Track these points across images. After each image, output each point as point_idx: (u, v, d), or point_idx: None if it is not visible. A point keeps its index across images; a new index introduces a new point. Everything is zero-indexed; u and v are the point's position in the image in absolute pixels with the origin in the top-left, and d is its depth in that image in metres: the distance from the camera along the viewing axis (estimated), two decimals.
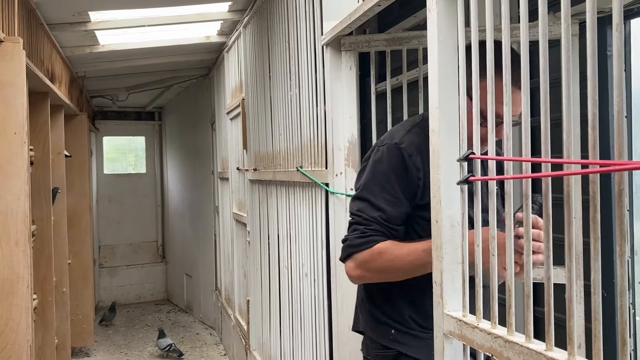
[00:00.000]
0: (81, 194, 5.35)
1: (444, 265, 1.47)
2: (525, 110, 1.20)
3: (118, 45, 4.63)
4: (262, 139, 3.76)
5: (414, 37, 2.32)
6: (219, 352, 5.62)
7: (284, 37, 3.15)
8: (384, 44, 2.34)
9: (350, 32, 2.32)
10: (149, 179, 8.44)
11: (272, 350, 3.65)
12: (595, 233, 1.01)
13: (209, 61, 5.78)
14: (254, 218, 4.07)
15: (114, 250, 8.09)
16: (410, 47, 2.35)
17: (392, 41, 2.35)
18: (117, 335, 6.31)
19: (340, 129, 2.35)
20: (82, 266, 5.30)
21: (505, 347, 1.22)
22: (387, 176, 1.70)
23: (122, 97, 7.02)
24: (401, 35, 2.36)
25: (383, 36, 2.38)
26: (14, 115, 2.36)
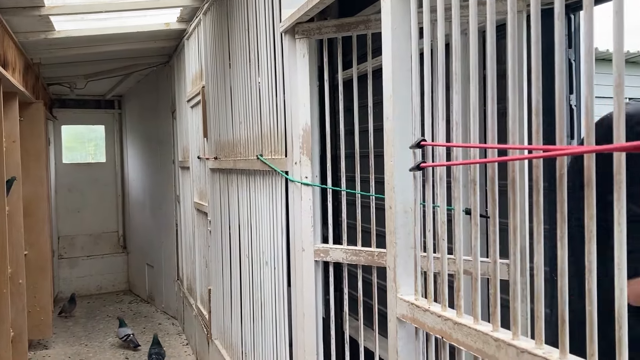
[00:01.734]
0: (38, 184, 5.21)
1: (397, 250, 1.50)
2: (473, 98, 1.23)
3: (75, 31, 4.50)
4: (223, 127, 3.73)
5: (361, 22, 2.26)
6: (181, 342, 5.58)
7: (243, 24, 3.13)
8: (333, 30, 2.30)
9: (311, 19, 2.30)
10: (109, 169, 8.28)
11: (234, 339, 3.65)
12: (538, 217, 1.04)
13: (169, 48, 5.68)
14: (215, 207, 4.05)
15: (74, 240, 7.92)
16: (359, 32, 2.30)
17: (340, 27, 2.29)
18: (77, 327, 6.20)
19: (297, 117, 2.35)
20: (39, 257, 5.18)
21: (455, 329, 1.25)
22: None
23: (81, 85, 6.85)
24: (349, 21, 2.29)
25: (332, 22, 2.31)
26: None
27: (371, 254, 2.20)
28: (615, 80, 0.86)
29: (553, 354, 1.00)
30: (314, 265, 2.35)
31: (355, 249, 2.28)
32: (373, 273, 2.21)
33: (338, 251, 2.32)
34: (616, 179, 0.86)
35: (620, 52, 0.84)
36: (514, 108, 1.09)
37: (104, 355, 5.26)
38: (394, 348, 1.52)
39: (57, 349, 5.44)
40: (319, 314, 2.38)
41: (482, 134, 1.40)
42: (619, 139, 0.85)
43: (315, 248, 2.35)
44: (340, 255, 2.31)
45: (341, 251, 2.31)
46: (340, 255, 2.31)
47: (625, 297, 0.86)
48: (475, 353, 1.18)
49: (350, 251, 2.28)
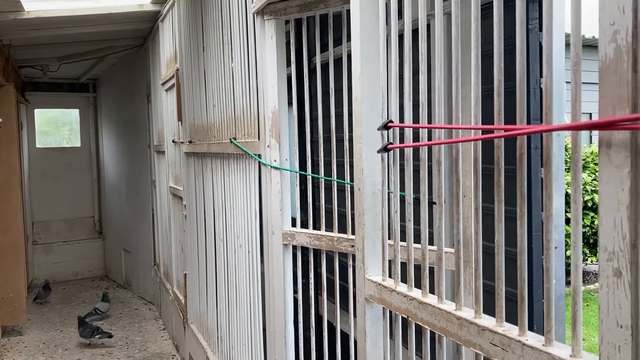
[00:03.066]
0: (10, 169, 5.12)
1: (365, 232, 1.50)
2: (438, 79, 1.23)
3: (45, 12, 4.40)
4: (197, 110, 3.70)
5: (321, 2, 2.21)
6: (158, 327, 5.57)
7: (216, 5, 3.09)
8: (296, 10, 2.26)
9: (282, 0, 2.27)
10: (84, 153, 8.17)
11: (209, 323, 3.65)
12: (499, 196, 1.05)
13: (144, 31, 5.59)
14: (190, 191, 4.02)
15: (49, 226, 7.82)
16: (321, 12, 2.25)
17: (304, 7, 2.24)
18: (53, 313, 6.15)
19: (267, 99, 2.33)
20: (12, 243, 5.10)
21: (420, 308, 1.27)
22: None
23: (54, 68, 6.71)
24: (312, 0, 2.25)
25: (296, 2, 2.26)
26: None
27: (331, 238, 2.19)
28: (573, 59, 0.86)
29: (513, 331, 1.01)
30: (282, 248, 2.35)
31: (318, 234, 2.27)
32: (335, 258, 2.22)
33: (302, 235, 2.31)
34: (573, 157, 0.87)
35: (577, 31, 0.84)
36: (476, 89, 1.10)
37: (79, 340, 5.22)
38: (362, 328, 1.53)
39: (31, 335, 5.39)
40: (287, 296, 2.38)
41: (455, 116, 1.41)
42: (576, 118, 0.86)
43: (283, 231, 2.35)
44: (305, 239, 2.31)
45: (305, 235, 2.31)
46: (304, 239, 2.31)
47: (580, 274, 0.88)
48: (439, 332, 1.19)
49: (314, 236, 2.28)
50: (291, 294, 2.38)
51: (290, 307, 2.39)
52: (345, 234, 2.15)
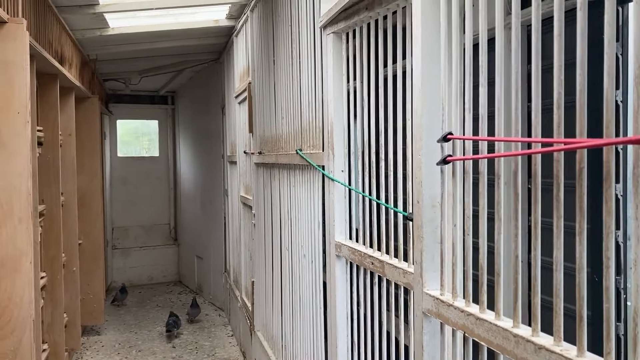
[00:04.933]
0: (92, 176, 5.43)
1: (423, 245, 1.49)
2: (499, 92, 1.21)
3: (128, 28, 4.67)
4: (267, 122, 3.79)
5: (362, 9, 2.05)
6: (227, 333, 5.70)
7: (286, 20, 3.17)
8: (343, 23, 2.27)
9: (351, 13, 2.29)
10: (161, 162, 8.53)
11: (275, 331, 3.71)
12: (558, 212, 1.02)
13: (219, 45, 5.80)
14: (258, 201, 4.12)
15: (127, 231, 8.21)
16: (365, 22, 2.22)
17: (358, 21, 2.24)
18: (128, 315, 6.43)
19: (329, 112, 2.36)
20: (93, 247, 5.39)
21: (477, 324, 1.24)
22: None
23: (135, 81, 7.08)
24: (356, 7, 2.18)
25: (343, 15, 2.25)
26: (17, 94, 2.42)
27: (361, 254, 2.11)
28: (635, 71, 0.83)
29: (571, 351, 0.98)
30: (335, 259, 2.37)
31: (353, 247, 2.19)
32: None
33: (345, 248, 2.28)
34: (634, 173, 0.84)
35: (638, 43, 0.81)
36: (537, 102, 1.07)
37: (152, 343, 5.44)
38: (419, 343, 1.52)
39: (108, 335, 5.66)
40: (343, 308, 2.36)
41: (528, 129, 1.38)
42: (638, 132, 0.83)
43: (335, 243, 2.36)
44: (347, 252, 2.28)
45: (347, 248, 2.26)
46: (347, 253, 2.28)
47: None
48: (495, 349, 1.17)
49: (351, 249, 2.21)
50: (345, 305, 2.37)
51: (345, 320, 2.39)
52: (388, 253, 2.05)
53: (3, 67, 2.41)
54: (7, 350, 2.44)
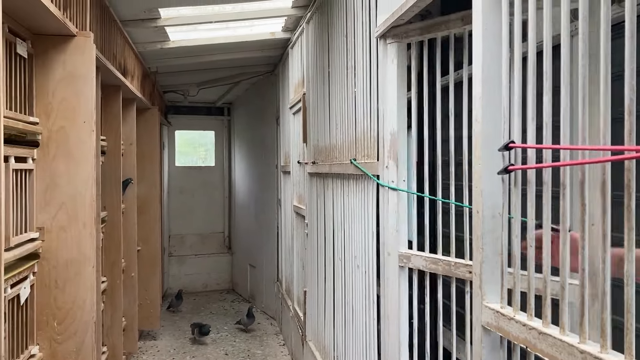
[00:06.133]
0: (151, 184, 5.59)
1: (483, 257, 1.46)
2: (564, 98, 1.17)
3: (187, 41, 4.80)
4: (321, 132, 3.81)
5: (442, 23, 2.18)
6: (278, 342, 5.73)
7: (342, 31, 3.18)
8: (418, 32, 2.27)
9: (407, 23, 2.29)
10: (217, 172, 8.70)
11: (326, 341, 3.70)
12: (629, 222, 0.98)
13: (275, 57, 5.89)
14: (311, 210, 4.13)
15: (184, 239, 8.39)
16: (443, 34, 2.24)
17: (425, 29, 2.25)
18: (183, 321, 6.56)
19: (387, 121, 2.35)
20: (150, 253, 5.54)
21: (539, 339, 1.20)
22: None
23: (193, 93, 7.27)
24: (432, 22, 2.24)
25: (418, 25, 2.27)
26: (83, 105, 2.52)
27: (448, 263, 2.14)
28: None
29: None
30: (398, 270, 2.34)
31: (435, 257, 2.22)
32: (452, 283, 2.15)
33: (419, 258, 2.28)
34: None
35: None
36: (605, 108, 1.03)
37: (205, 349, 5.52)
38: (478, 356, 1.48)
39: (164, 341, 5.78)
40: (403, 320, 2.35)
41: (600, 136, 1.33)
42: None
43: (399, 253, 2.33)
44: (421, 262, 2.27)
45: (421, 258, 2.28)
46: (420, 262, 2.28)
47: None
48: None
49: (430, 259, 2.24)
50: (406, 318, 2.35)
51: (406, 332, 2.35)
52: (462, 259, 2.09)
53: (71, 78, 2.52)
54: (70, 350, 2.53)
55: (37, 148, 2.48)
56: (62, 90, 2.51)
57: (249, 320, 6.11)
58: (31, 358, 2.40)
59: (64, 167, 2.50)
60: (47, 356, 2.51)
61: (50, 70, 2.51)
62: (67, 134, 2.51)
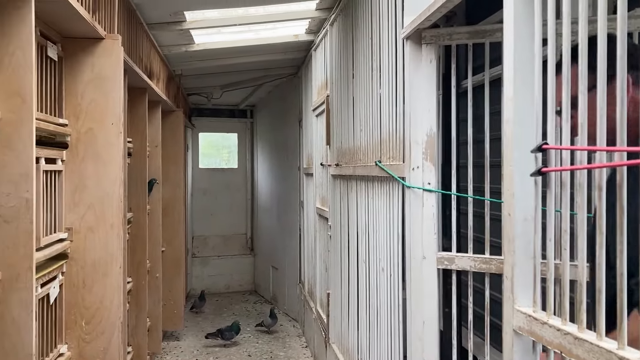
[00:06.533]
0: (176, 186, 5.64)
1: (515, 260, 1.43)
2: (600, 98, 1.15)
3: (212, 44, 4.84)
4: (345, 134, 3.80)
5: (497, 30, 2.27)
6: (301, 344, 5.73)
7: (366, 33, 3.17)
8: (466, 36, 2.33)
9: (432, 25, 2.29)
10: (240, 174, 8.75)
11: (350, 344, 3.68)
12: None
13: (298, 60, 5.90)
14: (335, 212, 4.12)
15: (207, 240, 8.45)
16: (494, 40, 2.31)
17: (474, 34, 2.33)
18: (206, 322, 6.60)
19: (419, 122, 2.33)
20: (174, 254, 5.59)
21: (575, 344, 1.18)
22: None
23: (217, 95, 7.32)
24: (484, 28, 2.33)
25: (466, 29, 2.35)
26: (111, 107, 2.55)
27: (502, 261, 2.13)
28: None
29: None
30: (436, 273, 2.33)
31: (485, 257, 2.27)
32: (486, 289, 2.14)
33: (465, 259, 2.30)
34: None
35: None
36: None
37: (228, 350, 5.55)
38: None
39: (187, 341, 5.82)
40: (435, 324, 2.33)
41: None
42: None
43: (438, 256, 2.32)
44: (468, 263, 2.29)
45: (468, 259, 2.29)
46: (467, 263, 2.30)
47: None
48: None
49: (480, 259, 2.27)
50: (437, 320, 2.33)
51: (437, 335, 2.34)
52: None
53: (99, 81, 2.55)
54: (98, 350, 2.56)
55: (66, 149, 2.52)
56: (91, 92, 2.55)
57: (272, 321, 6.12)
58: (60, 357, 2.44)
59: (93, 169, 2.54)
60: (75, 355, 2.54)
61: (79, 72, 2.55)
62: (96, 136, 2.54)
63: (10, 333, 1.77)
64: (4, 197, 1.78)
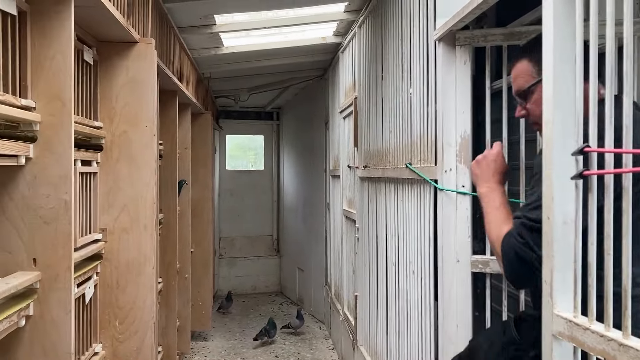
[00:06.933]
0: (204, 187, 5.70)
1: (554, 264, 1.41)
2: None
3: (240, 47, 4.88)
4: (373, 136, 3.79)
5: (533, 32, 2.25)
6: (328, 346, 5.72)
7: (397, 34, 3.16)
8: (501, 38, 2.30)
9: (465, 27, 2.28)
10: (266, 176, 8.80)
11: (379, 347, 3.67)
12: None
13: (325, 62, 5.91)
14: (363, 215, 4.11)
15: (233, 241, 8.51)
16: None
17: (509, 36, 2.31)
18: (233, 323, 6.64)
19: (452, 124, 2.32)
20: (203, 255, 5.64)
21: (620, 350, 1.15)
22: None
23: (244, 98, 7.37)
24: (520, 30, 2.31)
25: (500, 30, 2.33)
26: (145, 110, 2.58)
27: None
28: None
29: None
30: (470, 277, 2.31)
31: None
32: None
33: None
34: None
35: None
36: None
37: (255, 351, 5.57)
38: None
39: (215, 342, 5.86)
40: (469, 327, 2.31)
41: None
42: None
43: (472, 259, 2.30)
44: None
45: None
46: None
47: None
48: None
49: None
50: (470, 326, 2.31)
51: None
52: None
53: (133, 84, 2.59)
54: (131, 350, 2.59)
55: (100, 152, 2.56)
56: (125, 96, 2.59)
57: (299, 322, 6.13)
58: (95, 356, 2.48)
59: (127, 170, 2.58)
60: (109, 354, 2.58)
61: (113, 76, 2.59)
62: (130, 138, 2.58)
63: (50, 332, 1.80)
64: (43, 199, 1.81)
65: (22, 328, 1.79)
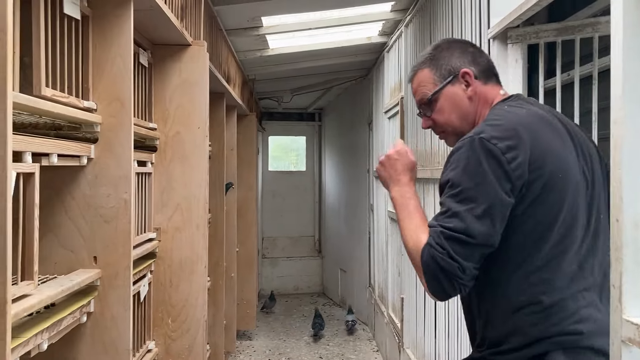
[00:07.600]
0: (248, 188, 5.76)
1: (623, 267, 1.36)
2: None
3: (286, 48, 4.90)
4: (420, 137, 3.75)
5: (588, 25, 2.17)
6: (372, 348, 5.70)
7: (446, 33, 3.12)
8: (554, 34, 2.23)
9: (518, 25, 2.24)
10: (308, 177, 8.83)
11: (427, 350, 3.63)
12: None
13: (369, 62, 5.89)
14: None
15: (276, 242, 8.57)
16: (584, 35, 2.20)
17: (563, 31, 2.22)
18: (276, 323, 6.68)
19: None
20: (247, 255, 5.70)
21: None
22: None
23: (287, 99, 7.41)
24: (573, 24, 2.23)
25: (553, 26, 2.26)
26: (197, 111, 2.63)
27: None
28: None
29: None
30: None
31: None
32: None
33: None
34: None
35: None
36: None
37: (300, 352, 5.59)
38: None
39: (259, 341, 5.91)
40: None
41: None
42: None
43: None
44: None
45: None
46: None
47: None
48: None
49: None
50: None
51: None
52: None
53: (187, 86, 2.63)
54: (183, 347, 2.64)
55: (154, 152, 2.61)
56: (178, 97, 2.63)
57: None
58: (148, 353, 2.52)
59: (180, 171, 2.62)
60: (162, 352, 2.63)
61: (167, 78, 2.64)
62: (183, 139, 2.62)
63: (111, 329, 1.85)
64: (104, 198, 1.86)
65: (84, 324, 1.84)
